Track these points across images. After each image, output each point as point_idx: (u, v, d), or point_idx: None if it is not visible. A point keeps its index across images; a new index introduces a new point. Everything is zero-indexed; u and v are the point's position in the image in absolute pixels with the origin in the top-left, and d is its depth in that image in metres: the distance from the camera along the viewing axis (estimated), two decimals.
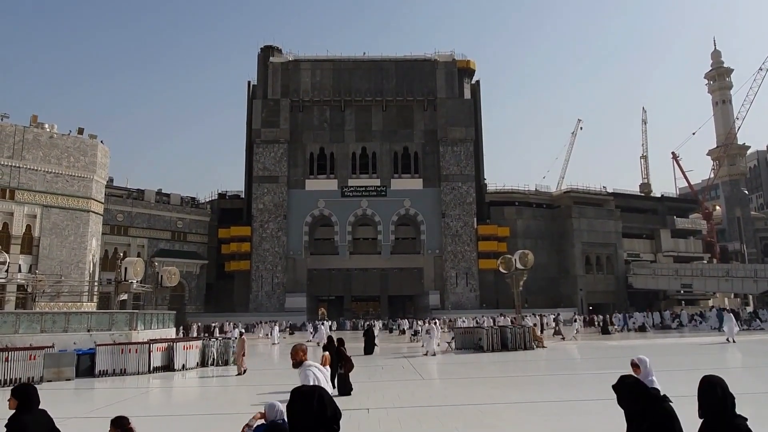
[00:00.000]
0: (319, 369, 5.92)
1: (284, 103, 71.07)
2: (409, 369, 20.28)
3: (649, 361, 6.29)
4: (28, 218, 46.68)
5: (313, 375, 5.80)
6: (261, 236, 68.28)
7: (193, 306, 65.57)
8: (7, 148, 45.69)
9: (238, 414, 12.50)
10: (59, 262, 47.45)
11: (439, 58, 74.52)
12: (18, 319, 20.98)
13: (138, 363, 20.00)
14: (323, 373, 5.94)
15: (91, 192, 50.32)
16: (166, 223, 66.10)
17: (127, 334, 21.67)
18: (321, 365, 6.50)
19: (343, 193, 70.19)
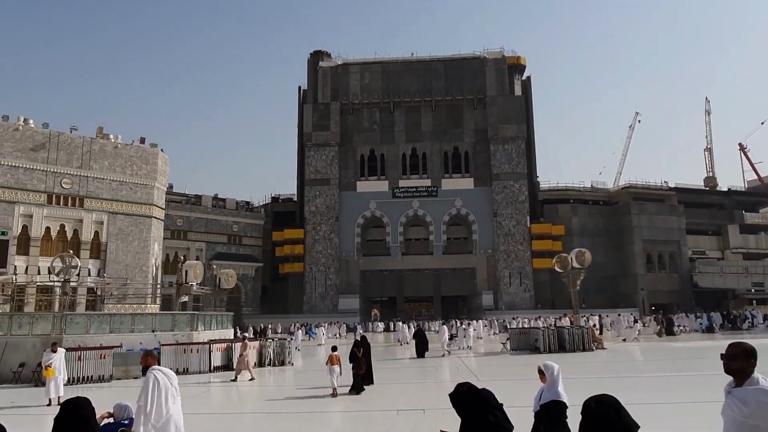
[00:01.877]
0: (163, 372, 6.32)
1: (334, 107, 71.92)
2: (464, 370, 20.07)
3: (557, 368, 5.59)
4: (96, 224, 49.15)
5: (154, 378, 6.20)
6: (314, 238, 69.31)
7: (249, 308, 67.24)
8: (76, 159, 48.30)
9: (293, 413, 12.71)
10: (125, 265, 49.71)
11: (489, 55, 73.55)
12: (89, 321, 22.09)
13: (199, 362, 20.70)
14: (167, 375, 6.32)
15: (152, 198, 52.49)
16: (223, 227, 68.13)
17: (188, 334, 22.43)
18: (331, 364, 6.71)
19: (394, 194, 70.35)
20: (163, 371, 6.39)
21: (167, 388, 6.24)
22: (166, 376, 6.32)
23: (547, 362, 5.70)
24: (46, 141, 46.89)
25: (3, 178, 44.60)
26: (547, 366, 5.52)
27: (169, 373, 6.44)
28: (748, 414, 3.46)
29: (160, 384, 6.20)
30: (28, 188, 45.75)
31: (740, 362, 3.65)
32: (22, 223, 45.47)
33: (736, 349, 3.70)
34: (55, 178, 47.01)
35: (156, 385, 6.19)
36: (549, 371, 5.43)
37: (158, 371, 6.36)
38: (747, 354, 3.65)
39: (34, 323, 21.22)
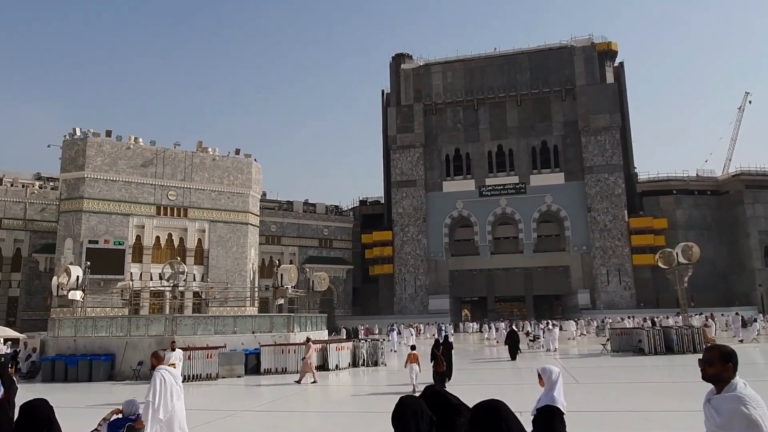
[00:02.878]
0: (168, 371, 6.84)
1: (417, 108, 72.09)
2: (563, 373, 19.33)
3: (556, 372, 5.25)
4: (199, 233, 52.53)
5: (161, 376, 6.72)
6: (402, 240, 69.79)
7: (341, 309, 68.88)
8: (180, 172, 51.91)
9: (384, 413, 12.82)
10: (225, 270, 52.70)
11: (576, 43, 70.55)
12: (196, 323, 23.60)
13: (297, 362, 21.43)
14: (172, 374, 6.86)
15: (248, 206, 55.28)
16: (314, 231, 70.35)
17: (285, 335, 23.32)
18: (410, 363, 6.73)
19: (481, 192, 69.29)
20: (169, 371, 6.90)
21: (172, 386, 6.77)
22: (171, 375, 6.85)
23: (546, 366, 5.40)
24: (154, 157, 50.78)
25: (119, 193, 48.82)
26: (545, 370, 5.24)
27: (175, 372, 6.99)
28: (722, 424, 3.26)
29: (166, 382, 6.72)
30: (140, 201, 49.73)
31: (716, 367, 3.42)
32: (136, 234, 49.50)
33: (711, 353, 3.49)
34: (162, 191, 50.79)
35: (162, 382, 6.70)
36: (546, 375, 5.15)
37: (164, 370, 6.85)
38: (723, 358, 3.41)
39: (150, 325, 23.01)
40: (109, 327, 23.43)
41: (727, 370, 3.38)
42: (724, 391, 3.36)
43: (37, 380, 21.18)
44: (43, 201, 56.32)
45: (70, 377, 20.46)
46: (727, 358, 3.41)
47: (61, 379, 20.49)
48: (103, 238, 47.15)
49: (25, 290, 54.62)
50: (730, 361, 3.39)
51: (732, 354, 3.44)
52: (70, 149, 48.35)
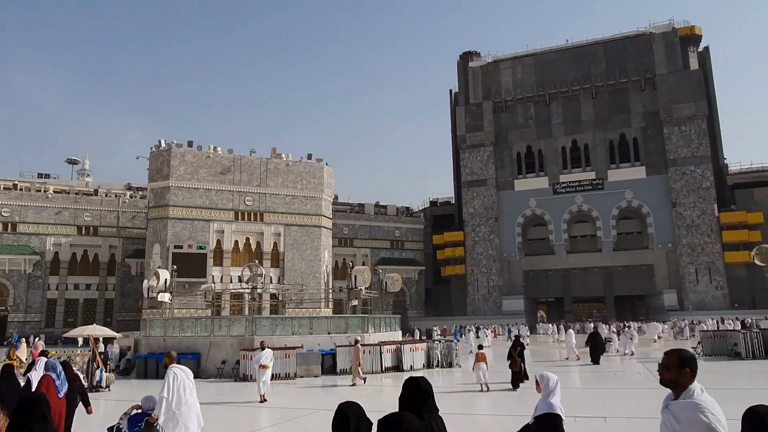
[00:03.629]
0: (181, 369, 7.41)
1: (487, 106, 70.95)
2: (649, 377, 18.33)
3: (554, 379, 5.17)
4: (275, 236, 54.30)
5: (173, 374, 7.27)
6: (474, 240, 68.89)
7: (414, 310, 68.91)
8: (256, 178, 53.90)
9: (466, 415, 12.66)
10: (300, 273, 54.13)
11: (655, 29, 66.87)
12: (274, 323, 24.40)
13: (371, 363, 21.66)
14: (184, 372, 7.40)
15: (321, 209, 56.54)
16: (385, 233, 70.85)
17: (361, 336, 23.60)
18: (478, 362, 6.89)
19: (555, 190, 67.15)
20: (181, 368, 7.44)
21: (184, 382, 7.29)
22: (183, 372, 7.39)
23: (543, 373, 5.37)
24: (231, 164, 53.04)
25: (200, 200, 51.38)
26: (542, 376, 5.21)
27: (186, 370, 7.52)
28: (680, 431, 3.26)
29: (179, 378, 7.26)
30: (219, 207, 52.09)
31: (673, 372, 3.42)
32: (216, 238, 51.87)
33: (670, 358, 3.48)
34: (239, 197, 52.95)
35: (175, 379, 7.24)
36: (544, 381, 5.12)
37: (177, 368, 7.39)
38: (681, 363, 3.41)
39: (231, 326, 24.01)
40: (194, 327, 24.67)
41: (684, 375, 3.39)
42: (681, 397, 3.35)
43: (132, 376, 22.63)
44: (133, 209, 60.24)
45: (161, 374, 21.64)
46: (685, 363, 3.41)
47: (153, 375, 21.77)
48: (186, 243, 49.75)
49: (120, 293, 58.61)
50: (688, 366, 3.40)
51: (690, 359, 3.45)
52: (156, 160, 51.42)
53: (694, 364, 3.41)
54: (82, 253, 57.75)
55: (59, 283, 56.49)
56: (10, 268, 53.87)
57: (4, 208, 54.70)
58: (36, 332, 48.82)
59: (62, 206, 56.99)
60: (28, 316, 54.29)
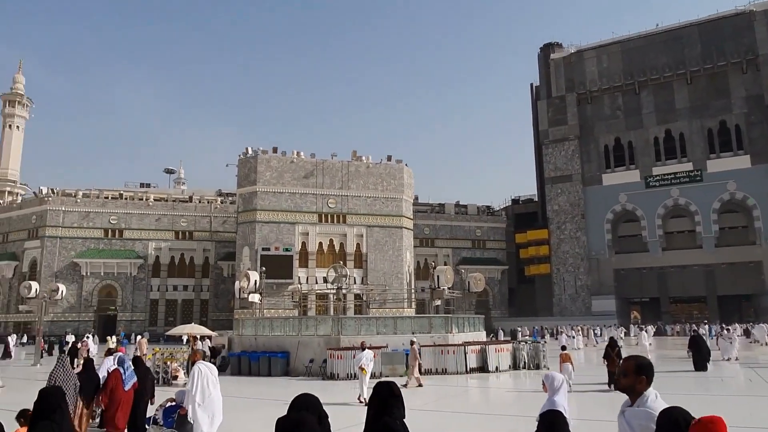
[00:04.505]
0: (206, 365, 8.19)
1: (570, 99, 68.30)
2: (760, 383, 16.84)
3: (560, 379, 5.37)
4: (357, 237, 55.23)
5: (198, 369, 8.03)
6: (559, 238, 66.53)
7: (497, 311, 67.60)
8: (338, 181, 55.11)
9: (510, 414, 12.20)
10: (383, 273, 54.67)
11: (756, 7, 61.43)
12: (359, 323, 24.76)
13: (456, 363, 21.44)
14: (209, 368, 8.19)
15: (402, 210, 56.83)
16: (466, 232, 70.02)
17: (444, 336, 23.44)
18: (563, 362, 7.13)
19: (648, 183, 63.38)
20: (206, 365, 8.26)
21: (208, 377, 8.03)
22: (208, 368, 8.18)
23: (548, 373, 5.70)
24: (314, 168, 54.56)
25: (285, 204, 53.26)
26: (547, 376, 5.48)
27: (211, 366, 8.31)
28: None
29: (203, 373, 8.02)
30: (304, 210, 53.72)
31: (629, 379, 3.46)
32: (301, 240, 53.54)
33: (627, 364, 3.55)
34: (323, 200, 54.36)
35: (200, 374, 8.01)
36: (549, 381, 5.36)
37: (202, 364, 8.20)
38: (637, 370, 3.47)
39: (318, 325, 24.64)
40: (283, 327, 25.55)
41: (640, 382, 3.44)
42: (636, 404, 3.39)
43: (227, 373, 23.77)
44: (224, 214, 63.54)
45: (253, 371, 22.65)
46: (641, 370, 3.45)
47: (246, 372, 22.78)
48: (273, 246, 51.73)
49: (213, 294, 61.99)
50: (644, 373, 3.44)
51: (646, 366, 3.48)
52: (244, 167, 53.88)
53: (650, 371, 3.48)
54: (180, 257, 61.71)
55: (160, 284, 60.69)
56: (118, 271, 58.56)
57: (112, 216, 59.53)
58: (141, 330, 52.62)
59: (161, 213, 61.19)
60: (134, 316, 58.74)
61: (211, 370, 8.20)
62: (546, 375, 5.55)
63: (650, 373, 3.48)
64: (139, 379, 9.21)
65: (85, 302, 57.42)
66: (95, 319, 57.36)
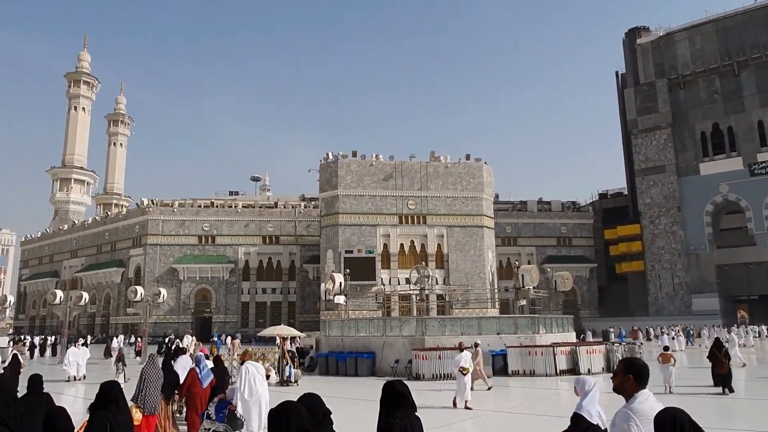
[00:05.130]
0: (254, 366, 9.13)
1: (660, 84, 64.33)
2: None
3: (591, 382, 5.19)
4: (438, 238, 55.01)
5: (246, 368, 8.95)
6: (652, 233, 62.80)
7: (586, 311, 64.85)
8: (416, 182, 55.18)
9: None
10: (464, 273, 54.08)
11: None
12: (443, 324, 24.64)
13: (545, 365, 20.78)
14: (255, 367, 9.10)
15: (482, 209, 55.96)
16: (550, 230, 67.77)
17: (531, 337, 22.80)
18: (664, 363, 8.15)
19: (753, 171, 58.38)
20: (254, 364, 9.15)
21: (255, 375, 8.87)
22: (255, 367, 9.07)
23: (580, 377, 5.56)
24: (393, 170, 54.97)
25: (366, 206, 54.05)
26: (578, 380, 5.36)
27: (258, 365, 9.29)
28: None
29: (250, 372, 8.87)
30: (384, 212, 54.25)
31: (618, 378, 3.52)
32: (383, 242, 54.09)
33: (619, 364, 3.63)
34: (402, 201, 54.64)
35: (247, 372, 8.86)
36: (579, 385, 5.25)
37: (249, 364, 9.11)
38: (625, 370, 3.52)
39: (402, 326, 24.77)
40: (368, 327, 25.91)
41: (628, 381, 3.46)
42: (626, 404, 3.43)
43: (315, 373, 24.46)
44: (307, 218, 65.51)
45: (341, 371, 23.14)
46: (629, 369, 3.48)
47: (333, 372, 23.31)
48: (356, 248, 52.63)
49: (300, 296, 64.04)
50: (631, 372, 3.46)
51: (634, 365, 3.49)
52: (325, 171, 55.27)
53: (638, 370, 3.45)
54: (267, 261, 64.33)
55: (250, 287, 63.55)
56: (212, 275, 61.98)
57: (205, 224, 63.12)
58: (234, 332, 55.29)
59: (249, 219, 64.11)
60: (227, 318, 61.88)
61: (257, 369, 9.15)
62: (577, 379, 5.46)
63: (638, 372, 3.45)
64: (217, 377, 9.82)
65: (183, 305, 61.24)
66: (193, 321, 61.01)
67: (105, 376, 21.93)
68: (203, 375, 9.30)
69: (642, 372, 3.47)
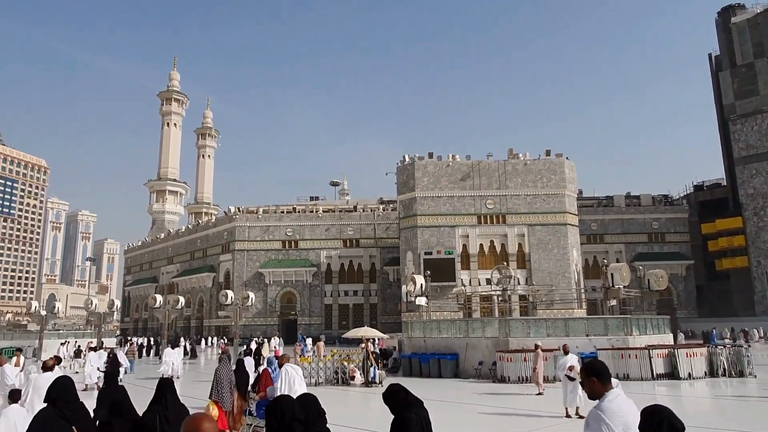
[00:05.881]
0: (293, 368, 9.62)
1: (761, 65, 59.34)
2: None
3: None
4: (518, 237, 53.67)
5: (285, 370, 9.43)
6: (757, 226, 58.00)
7: (683, 311, 60.80)
8: (494, 181, 54.17)
9: None
10: (548, 273, 52.38)
11: None
12: (527, 325, 23.97)
13: (639, 369, 19.70)
14: (294, 369, 9.62)
15: (565, 206, 53.99)
16: (640, 225, 64.21)
17: (623, 339, 21.67)
18: None
19: None
20: (293, 366, 9.75)
21: (294, 377, 9.37)
22: (294, 369, 9.63)
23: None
24: (470, 170, 54.29)
25: (444, 207, 53.74)
26: None
27: (296, 367, 9.88)
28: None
29: (289, 374, 9.38)
30: (462, 213, 53.68)
31: (586, 386, 3.64)
32: (462, 243, 53.53)
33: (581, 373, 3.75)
34: (480, 201, 53.83)
35: (286, 374, 9.36)
36: None
37: (289, 366, 9.65)
38: (587, 375, 3.64)
39: (485, 327, 24.37)
40: (450, 329, 25.70)
41: (592, 383, 3.58)
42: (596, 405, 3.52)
43: (399, 374, 24.57)
44: (386, 221, 66.10)
45: (424, 373, 23.11)
46: (590, 373, 3.61)
47: (416, 374, 23.32)
48: (435, 249, 52.45)
49: (381, 297, 64.70)
50: (593, 375, 3.59)
51: (593, 368, 3.62)
52: (402, 174, 55.52)
53: (600, 372, 3.58)
54: (348, 263, 65.56)
55: (332, 290, 65.01)
56: (296, 278, 64.01)
57: (288, 229, 65.35)
58: (318, 333, 56.74)
59: (330, 223, 65.66)
60: (311, 320, 63.64)
61: (296, 370, 9.77)
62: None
63: (599, 373, 3.59)
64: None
65: (270, 308, 63.66)
66: (279, 323, 63.26)
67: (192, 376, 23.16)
68: (275, 376, 10.42)
69: (603, 372, 3.62)
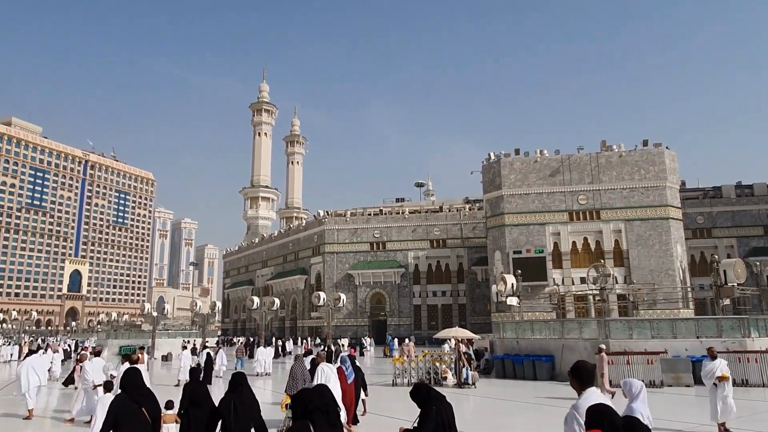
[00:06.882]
0: (329, 367, 10.32)
1: None
2: None
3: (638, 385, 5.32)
4: (615, 233, 50.88)
5: (321, 369, 10.15)
6: None
7: None
8: (587, 176, 51.75)
9: None
10: (649, 271, 49.24)
11: None
12: (629, 326, 22.63)
13: (761, 373, 18.05)
14: (330, 368, 10.31)
15: (666, 199, 50.53)
16: (754, 218, 58.75)
17: (740, 341, 19.91)
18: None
19: None
20: (328, 366, 10.39)
21: (329, 376, 9.95)
22: (330, 368, 10.30)
23: (627, 379, 5.62)
24: (560, 165, 52.26)
25: (533, 205, 52.11)
26: (625, 383, 5.44)
27: (332, 367, 10.46)
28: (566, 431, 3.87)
29: (325, 373, 10.04)
30: (552, 210, 51.77)
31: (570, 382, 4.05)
32: (553, 241, 51.61)
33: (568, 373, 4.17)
34: (572, 197, 51.63)
35: (322, 373, 10.04)
36: (627, 387, 5.35)
37: (324, 365, 10.30)
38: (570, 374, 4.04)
39: (582, 328, 23.35)
40: (543, 330, 24.89)
41: (574, 383, 3.97)
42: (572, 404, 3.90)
43: (492, 375, 24.09)
44: (473, 221, 65.19)
45: (518, 375, 22.49)
46: (573, 372, 4.00)
47: (510, 375, 22.75)
48: (524, 248, 50.96)
49: (470, 298, 63.87)
50: (573, 374, 3.98)
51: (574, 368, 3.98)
52: (488, 172, 54.50)
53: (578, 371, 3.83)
54: (436, 264, 65.35)
55: (421, 291, 65.06)
56: (384, 280, 64.70)
57: (375, 231, 66.24)
58: (408, 334, 56.97)
59: (416, 224, 65.81)
60: (401, 320, 64.02)
61: (331, 370, 10.32)
62: (624, 382, 5.57)
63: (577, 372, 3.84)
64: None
65: (360, 309, 64.79)
66: (369, 324, 64.20)
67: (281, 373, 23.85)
68: (348, 373, 11.11)
69: (580, 372, 3.83)
